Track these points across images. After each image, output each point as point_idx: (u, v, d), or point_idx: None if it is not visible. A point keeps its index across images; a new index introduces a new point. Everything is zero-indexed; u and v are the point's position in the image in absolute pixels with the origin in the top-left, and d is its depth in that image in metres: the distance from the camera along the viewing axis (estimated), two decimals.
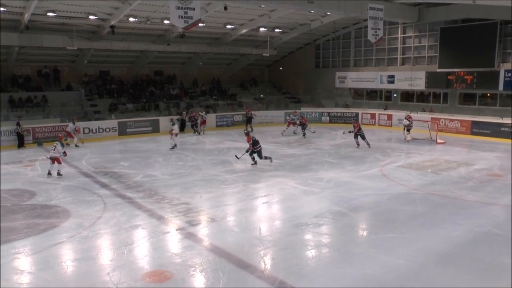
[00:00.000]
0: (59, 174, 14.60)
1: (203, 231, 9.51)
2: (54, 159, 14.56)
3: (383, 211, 10.74)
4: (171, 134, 19.77)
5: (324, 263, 7.88)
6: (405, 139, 21.51)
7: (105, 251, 8.44)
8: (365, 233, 9.64)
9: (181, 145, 20.66)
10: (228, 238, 9.02)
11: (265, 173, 14.94)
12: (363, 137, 19.60)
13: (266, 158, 16.11)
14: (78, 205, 11.21)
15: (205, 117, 25.92)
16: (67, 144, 20.26)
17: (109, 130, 23.40)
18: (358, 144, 19.65)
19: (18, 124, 20.39)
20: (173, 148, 19.56)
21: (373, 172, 14.96)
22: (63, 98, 26.16)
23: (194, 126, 25.72)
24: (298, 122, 24.49)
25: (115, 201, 11.65)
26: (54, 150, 14.58)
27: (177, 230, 9.48)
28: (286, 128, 24.69)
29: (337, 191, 12.49)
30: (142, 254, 8.28)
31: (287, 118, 26.55)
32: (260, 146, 15.91)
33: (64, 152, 14.88)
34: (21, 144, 20.49)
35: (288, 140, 22.27)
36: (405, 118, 21.94)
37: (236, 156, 16.58)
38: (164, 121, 25.10)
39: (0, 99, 23.47)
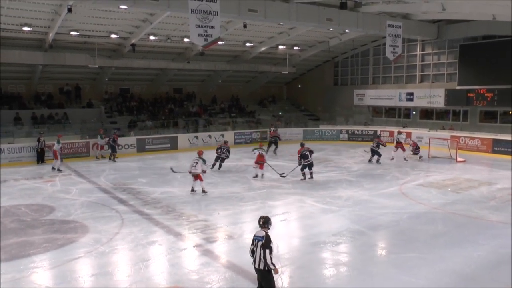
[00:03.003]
0: (203, 191, 14.27)
1: (220, 248, 9.47)
2: (196, 176, 14.31)
3: (403, 230, 10.57)
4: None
5: (343, 283, 7.75)
6: (392, 159, 21.08)
7: (122, 267, 8.45)
8: (384, 253, 9.47)
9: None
10: (246, 256, 8.88)
11: (283, 190, 14.87)
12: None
13: (281, 175, 16.44)
14: (96, 221, 11.28)
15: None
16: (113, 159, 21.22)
17: (128, 147, 23.61)
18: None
19: (38, 140, 20.69)
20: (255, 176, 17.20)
21: (392, 190, 14.77)
22: (83, 115, 26.55)
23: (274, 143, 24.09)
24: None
25: (132, 217, 11.69)
26: (195, 166, 14.28)
27: (194, 246, 9.45)
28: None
29: (355, 209, 12.35)
30: (159, 270, 8.26)
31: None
32: (309, 159, 16.25)
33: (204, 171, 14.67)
34: (40, 159, 20.68)
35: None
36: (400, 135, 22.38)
37: (281, 175, 16.80)
38: (183, 138, 25.34)
39: (1, 116, 23.91)
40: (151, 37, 23.70)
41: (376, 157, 20.13)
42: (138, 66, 26.72)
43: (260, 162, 16.86)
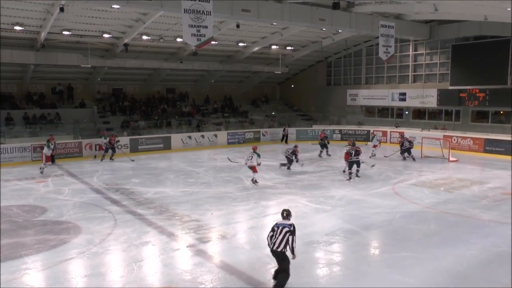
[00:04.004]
0: (255, 181, 15.45)
1: (213, 248, 9.45)
2: (252, 168, 15.46)
3: (396, 229, 10.61)
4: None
5: (336, 282, 7.76)
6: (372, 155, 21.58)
7: (115, 268, 8.41)
8: (377, 252, 9.50)
9: (190, 161, 20.69)
10: (239, 256, 8.95)
11: (276, 190, 14.87)
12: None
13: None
14: (89, 221, 11.22)
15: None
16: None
17: (121, 147, 23.53)
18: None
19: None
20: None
21: (385, 190, 14.82)
22: (76, 115, 26.44)
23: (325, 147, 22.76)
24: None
25: (125, 217, 11.64)
26: (251, 160, 15.35)
27: (187, 247, 9.43)
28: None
29: (348, 209, 12.38)
30: (152, 271, 8.23)
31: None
32: (357, 157, 16.39)
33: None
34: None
35: (299, 157, 22.15)
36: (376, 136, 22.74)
37: (355, 172, 16.74)
38: (176, 138, 25.32)
39: None
40: (144, 37, 23.64)
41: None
42: (131, 66, 26.64)
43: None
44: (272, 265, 8.25)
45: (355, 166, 16.43)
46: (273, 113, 34.61)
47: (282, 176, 17.17)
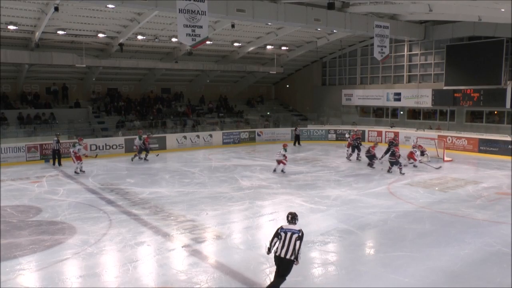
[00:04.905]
0: (283, 171, 17.83)
1: (208, 248, 9.45)
2: (278, 161, 17.81)
3: (391, 229, 10.64)
4: None
5: (331, 281, 7.78)
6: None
7: (110, 268, 8.40)
8: (372, 252, 9.53)
9: (185, 161, 20.66)
10: (234, 256, 8.95)
11: (271, 190, 14.88)
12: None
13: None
14: (84, 222, 11.19)
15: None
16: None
17: (116, 147, 23.47)
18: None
19: (57, 141, 19.96)
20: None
21: (380, 190, 14.86)
22: (71, 115, 26.36)
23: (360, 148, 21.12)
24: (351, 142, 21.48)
25: (120, 218, 11.62)
26: (278, 155, 17.80)
27: (182, 247, 9.43)
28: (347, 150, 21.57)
29: (343, 209, 12.40)
30: (147, 271, 8.22)
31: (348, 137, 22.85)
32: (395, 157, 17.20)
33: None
34: (58, 161, 19.95)
35: (294, 157, 22.22)
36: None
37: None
38: (171, 138, 25.26)
39: None
40: (139, 37, 23.59)
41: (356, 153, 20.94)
42: (126, 65, 26.54)
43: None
44: (267, 265, 8.26)
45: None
46: (268, 113, 34.63)
47: (277, 176, 17.19)
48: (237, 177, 17.00)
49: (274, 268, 8.15)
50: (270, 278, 7.74)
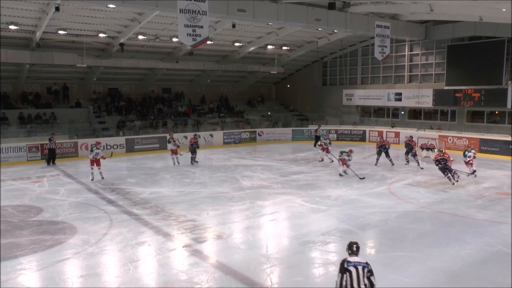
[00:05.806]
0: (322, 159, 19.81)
1: (209, 248, 9.45)
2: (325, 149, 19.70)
3: (391, 229, 10.64)
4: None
5: (332, 282, 7.72)
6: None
7: (111, 268, 8.40)
8: (373, 252, 9.52)
9: (183, 161, 20.63)
10: (235, 256, 8.95)
11: (272, 190, 14.88)
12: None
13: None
14: (84, 222, 11.20)
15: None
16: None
17: (117, 147, 23.48)
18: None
19: (50, 140, 20.28)
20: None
21: (381, 190, 14.86)
22: (71, 115, 26.35)
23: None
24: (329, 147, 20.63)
25: (121, 217, 11.63)
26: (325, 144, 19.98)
27: (183, 247, 9.43)
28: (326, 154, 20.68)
29: (344, 209, 12.40)
30: (148, 271, 8.23)
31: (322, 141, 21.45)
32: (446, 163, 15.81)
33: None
34: (52, 161, 20.20)
35: (295, 157, 22.22)
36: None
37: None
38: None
39: None
40: (140, 37, 23.57)
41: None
42: (127, 65, 26.53)
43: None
44: (268, 265, 8.27)
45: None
46: (269, 113, 34.63)
47: (278, 176, 17.19)
48: (238, 177, 17.01)
49: (273, 268, 8.18)
50: (271, 278, 7.75)
